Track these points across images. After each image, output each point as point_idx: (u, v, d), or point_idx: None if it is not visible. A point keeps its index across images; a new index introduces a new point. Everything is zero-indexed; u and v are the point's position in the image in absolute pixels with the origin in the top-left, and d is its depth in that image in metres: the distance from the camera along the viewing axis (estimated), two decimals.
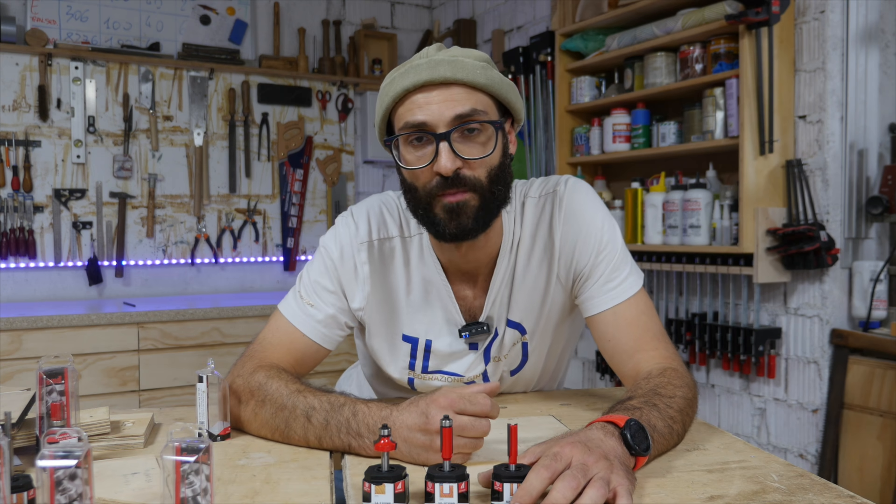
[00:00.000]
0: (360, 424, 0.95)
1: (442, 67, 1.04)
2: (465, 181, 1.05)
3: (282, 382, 1.05)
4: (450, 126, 1.04)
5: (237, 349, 3.04)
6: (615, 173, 3.05)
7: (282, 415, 1.02)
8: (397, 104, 1.08)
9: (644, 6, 2.60)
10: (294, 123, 3.78)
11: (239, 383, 1.09)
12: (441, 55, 1.07)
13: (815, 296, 2.29)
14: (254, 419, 1.06)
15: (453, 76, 1.04)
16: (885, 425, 2.12)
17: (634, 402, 0.96)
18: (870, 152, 2.29)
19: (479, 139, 1.06)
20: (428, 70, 1.04)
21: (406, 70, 1.06)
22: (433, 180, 1.06)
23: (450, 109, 1.04)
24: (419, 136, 1.06)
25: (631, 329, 1.14)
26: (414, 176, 1.09)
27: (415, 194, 1.10)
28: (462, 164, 1.05)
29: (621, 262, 1.18)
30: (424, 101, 1.04)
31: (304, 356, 1.19)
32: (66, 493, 0.63)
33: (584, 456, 0.78)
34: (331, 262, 1.21)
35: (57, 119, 3.29)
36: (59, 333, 2.82)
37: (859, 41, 2.26)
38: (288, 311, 1.20)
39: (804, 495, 0.83)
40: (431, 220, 1.09)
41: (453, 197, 1.06)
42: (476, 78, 1.05)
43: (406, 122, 1.06)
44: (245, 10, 3.71)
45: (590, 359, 3.18)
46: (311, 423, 0.99)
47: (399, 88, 1.05)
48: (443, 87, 1.04)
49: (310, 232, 3.85)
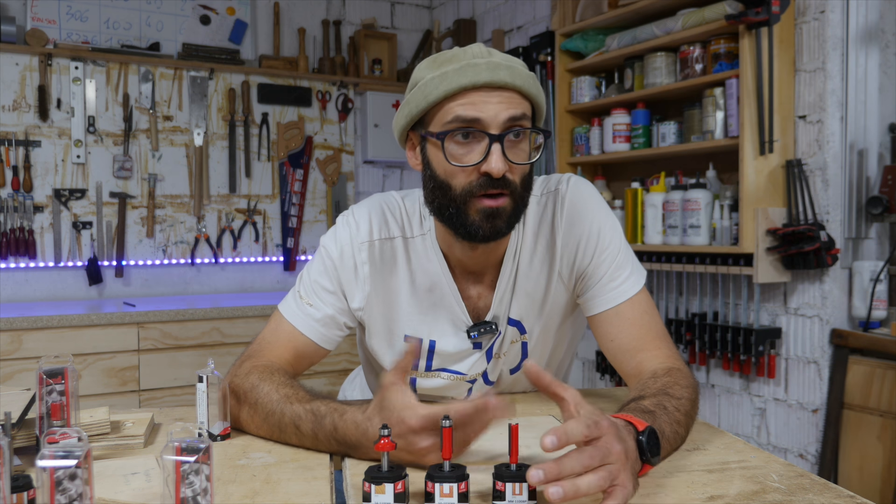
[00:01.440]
0: (342, 438, 0.96)
1: (502, 71, 1.05)
2: (508, 184, 1.06)
3: (272, 386, 1.05)
4: (502, 128, 1.04)
5: (237, 349, 3.04)
6: (615, 173, 3.05)
7: (273, 420, 1.03)
8: (448, 99, 1.06)
9: (644, 6, 2.60)
10: (294, 123, 3.78)
11: (236, 383, 1.10)
12: (497, 58, 1.07)
13: (815, 296, 2.29)
14: (250, 421, 1.07)
15: (512, 82, 1.05)
16: (885, 425, 2.12)
17: (647, 404, 0.94)
18: (870, 152, 2.29)
19: (522, 145, 1.08)
20: (488, 71, 1.04)
21: (462, 67, 1.05)
22: (476, 179, 1.06)
23: (505, 111, 1.04)
24: (467, 133, 1.05)
25: (634, 328, 1.14)
26: (451, 173, 1.07)
27: (447, 192, 1.08)
28: (508, 168, 1.06)
29: (624, 261, 1.18)
30: (481, 99, 1.04)
31: (303, 355, 1.19)
32: (66, 493, 0.63)
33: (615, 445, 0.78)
34: (330, 261, 1.21)
35: (57, 119, 3.29)
36: (59, 333, 2.82)
37: (859, 41, 2.26)
38: (287, 311, 1.20)
39: (804, 495, 0.83)
40: (462, 220, 1.08)
41: (495, 201, 1.06)
42: (529, 88, 1.07)
43: (459, 116, 1.05)
44: (245, 10, 3.71)
45: (590, 359, 3.18)
46: (301, 431, 1.00)
47: (455, 84, 1.04)
48: (500, 91, 1.05)
49: (310, 232, 3.85)
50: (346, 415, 0.96)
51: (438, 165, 1.09)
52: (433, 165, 1.10)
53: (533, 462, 0.87)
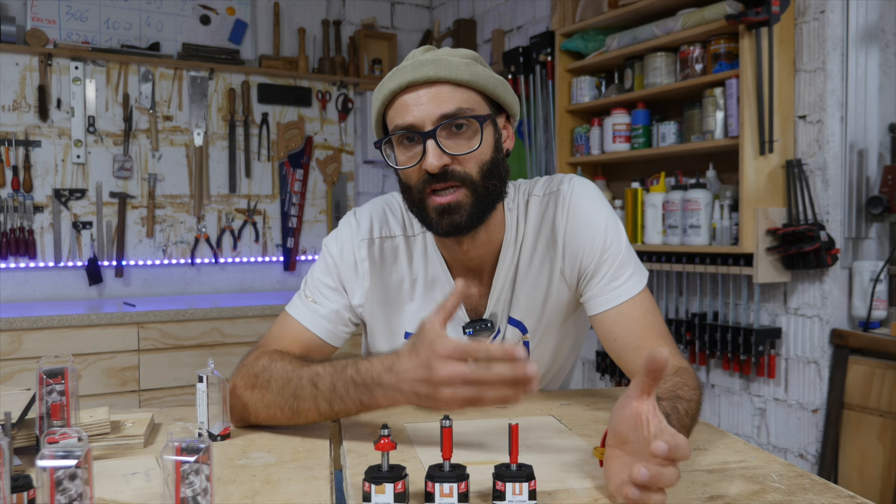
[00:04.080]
0: (365, 377, 0.95)
1: (425, 67, 1.06)
2: (455, 176, 1.07)
3: (285, 361, 1.06)
4: (436, 124, 1.05)
5: (237, 349, 3.04)
6: (615, 173, 3.05)
7: (289, 388, 1.02)
8: (387, 107, 1.11)
9: (644, 6, 2.60)
10: (294, 123, 3.78)
11: (244, 372, 1.09)
12: (426, 56, 1.09)
13: (815, 296, 2.29)
14: (261, 401, 1.06)
15: (436, 75, 1.06)
16: (885, 425, 2.12)
17: (665, 406, 0.94)
18: (870, 152, 2.29)
19: (466, 135, 1.08)
20: (412, 71, 1.06)
21: (393, 73, 1.09)
22: (423, 179, 1.08)
23: (436, 108, 1.05)
24: (409, 137, 1.08)
25: (637, 327, 1.15)
26: (406, 176, 1.11)
27: (409, 193, 1.12)
28: (451, 160, 1.06)
29: (626, 260, 1.18)
30: (412, 101, 1.07)
31: (310, 351, 1.19)
32: (66, 493, 0.63)
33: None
34: (331, 259, 1.23)
35: (57, 119, 3.29)
36: (59, 333, 2.82)
37: (859, 41, 2.26)
38: (293, 310, 1.22)
39: (804, 495, 0.83)
40: (424, 218, 1.12)
41: (442, 198, 1.07)
42: (460, 75, 1.07)
43: (395, 125, 1.08)
44: (245, 10, 3.71)
45: (590, 359, 3.18)
46: (319, 388, 0.99)
47: (386, 91, 1.08)
48: (428, 87, 1.06)
49: (310, 232, 3.85)
50: (373, 357, 0.97)
51: (396, 170, 1.13)
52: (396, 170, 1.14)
53: (533, 462, 0.87)
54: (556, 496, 0.83)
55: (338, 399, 0.97)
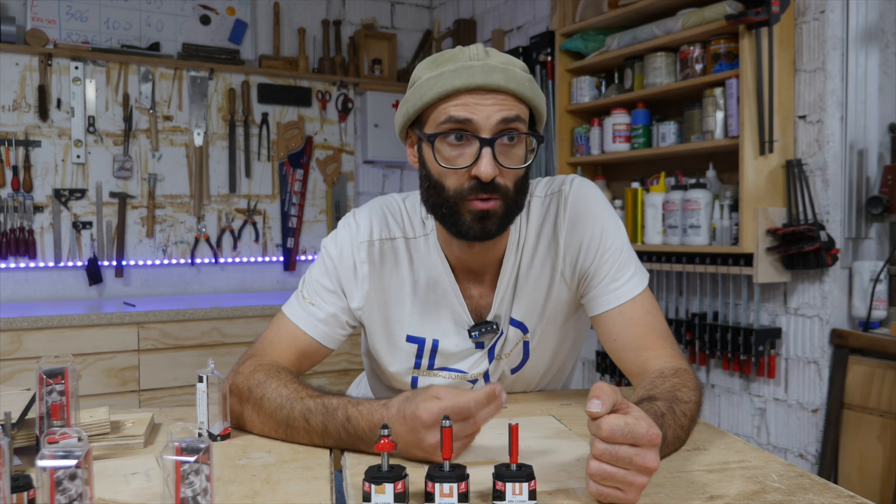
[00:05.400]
0: (357, 429, 0.96)
1: (496, 74, 1.04)
2: (497, 188, 1.06)
3: (280, 383, 1.06)
4: (494, 131, 1.05)
5: (237, 349, 3.04)
6: (615, 173, 3.05)
7: (281, 414, 1.03)
8: (442, 100, 1.07)
9: (644, 6, 2.60)
10: (294, 123, 3.78)
11: (239, 381, 1.10)
12: (493, 60, 1.07)
13: (815, 296, 2.29)
14: (255, 418, 1.07)
15: (506, 85, 1.05)
16: (885, 425, 2.12)
17: (661, 406, 0.94)
18: (870, 152, 2.29)
19: (515, 150, 1.08)
20: (482, 74, 1.04)
21: (457, 69, 1.05)
22: (468, 182, 1.06)
23: (497, 114, 1.05)
24: (460, 135, 1.06)
25: (637, 328, 1.14)
26: (444, 174, 1.08)
27: (440, 192, 1.09)
28: (500, 171, 1.06)
29: (627, 261, 1.18)
30: (474, 102, 1.05)
31: (305, 354, 1.20)
32: (66, 493, 0.63)
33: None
34: (330, 261, 1.22)
35: (57, 119, 3.29)
36: (59, 333, 2.82)
37: (859, 41, 2.26)
38: (290, 312, 1.22)
39: (804, 495, 0.83)
40: (454, 220, 1.09)
41: (484, 204, 1.07)
42: (525, 91, 1.07)
43: (452, 116, 1.05)
44: (245, 10, 3.71)
45: (590, 359, 3.18)
46: (311, 424, 1.00)
47: (449, 86, 1.05)
48: (494, 94, 1.05)
49: (310, 232, 3.85)
50: (362, 405, 0.97)
51: (433, 166, 1.09)
52: (428, 165, 1.11)
53: (533, 462, 0.87)
54: (556, 496, 0.83)
55: (330, 439, 0.99)
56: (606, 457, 0.77)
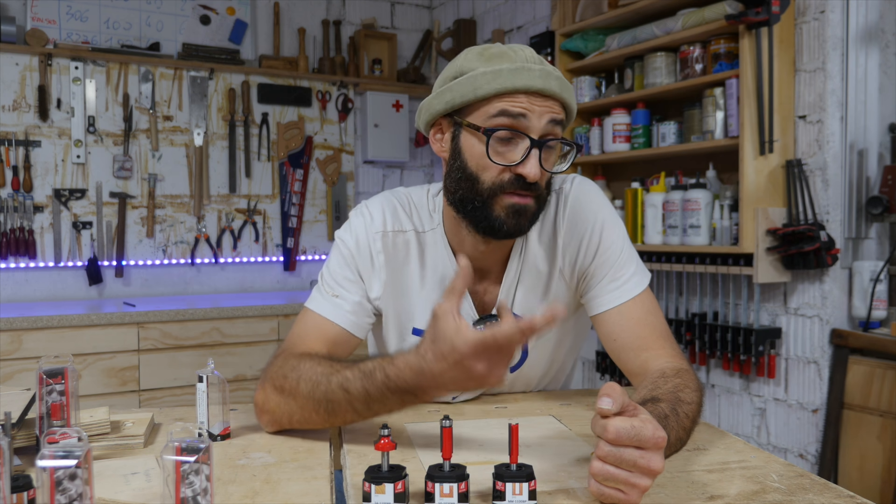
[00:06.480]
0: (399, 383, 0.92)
1: (553, 81, 1.07)
2: (535, 188, 1.09)
3: (314, 362, 1.04)
4: (542, 132, 1.07)
5: (237, 349, 3.04)
6: (615, 173, 3.05)
7: (319, 390, 1.00)
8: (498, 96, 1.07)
9: (644, 6, 2.60)
10: (294, 123, 3.78)
11: (272, 372, 1.07)
12: (549, 67, 1.10)
13: (815, 296, 2.29)
14: (294, 405, 1.03)
15: (560, 93, 1.08)
16: (885, 425, 2.12)
17: (664, 407, 0.93)
18: (870, 152, 2.29)
19: (554, 154, 1.12)
20: (542, 79, 1.06)
21: (517, 69, 1.06)
22: (508, 178, 1.08)
23: (548, 117, 1.07)
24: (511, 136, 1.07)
25: (638, 327, 1.14)
26: (483, 167, 1.09)
27: (474, 184, 1.09)
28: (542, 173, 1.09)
29: (627, 260, 1.18)
30: (529, 103, 1.07)
31: (336, 344, 1.17)
32: (66, 493, 0.63)
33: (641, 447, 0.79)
34: (348, 251, 1.21)
35: (57, 119, 3.29)
36: (59, 333, 2.82)
37: (859, 41, 2.26)
38: (315, 306, 1.19)
39: (804, 495, 0.83)
40: (486, 214, 1.09)
41: (522, 199, 1.09)
42: (570, 101, 1.11)
43: (509, 113, 1.06)
44: (245, 10, 3.71)
45: (590, 359, 3.18)
46: (351, 393, 0.97)
47: (510, 84, 1.06)
48: (546, 98, 1.08)
49: (310, 232, 3.85)
50: (397, 360, 0.93)
51: (471, 158, 1.09)
52: (464, 156, 1.10)
53: (533, 462, 0.87)
54: (556, 496, 0.83)
55: (375, 402, 0.96)
56: (611, 458, 0.77)
